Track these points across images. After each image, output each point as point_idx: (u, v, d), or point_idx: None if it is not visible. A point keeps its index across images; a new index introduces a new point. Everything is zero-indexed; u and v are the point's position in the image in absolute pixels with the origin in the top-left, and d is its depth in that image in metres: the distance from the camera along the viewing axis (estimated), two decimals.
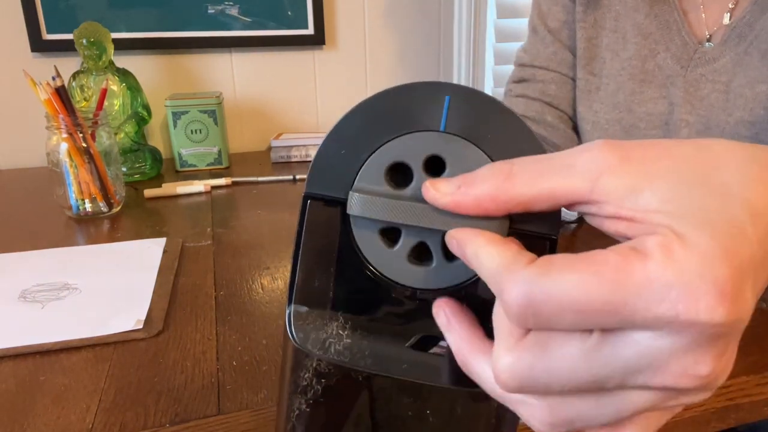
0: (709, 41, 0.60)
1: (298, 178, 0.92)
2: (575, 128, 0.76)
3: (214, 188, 0.88)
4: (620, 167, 0.19)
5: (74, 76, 0.92)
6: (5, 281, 0.57)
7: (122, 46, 1.01)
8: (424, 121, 0.24)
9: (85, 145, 0.74)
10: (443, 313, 0.24)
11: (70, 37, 0.92)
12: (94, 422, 0.37)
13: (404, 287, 0.25)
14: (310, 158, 1.04)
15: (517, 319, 0.19)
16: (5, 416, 0.38)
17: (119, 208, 0.79)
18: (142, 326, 0.48)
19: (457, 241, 0.22)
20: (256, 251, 0.64)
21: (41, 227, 0.73)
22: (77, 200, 0.75)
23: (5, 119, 1.04)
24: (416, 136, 0.24)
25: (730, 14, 0.59)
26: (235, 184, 0.90)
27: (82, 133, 0.73)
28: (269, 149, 1.10)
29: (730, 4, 0.59)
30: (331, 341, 0.25)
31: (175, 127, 0.98)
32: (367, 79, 1.23)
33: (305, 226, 0.25)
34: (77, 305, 0.52)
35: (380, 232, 0.25)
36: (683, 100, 0.61)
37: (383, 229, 0.25)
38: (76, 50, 0.90)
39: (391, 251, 0.24)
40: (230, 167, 1.02)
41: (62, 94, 0.72)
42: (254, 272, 0.59)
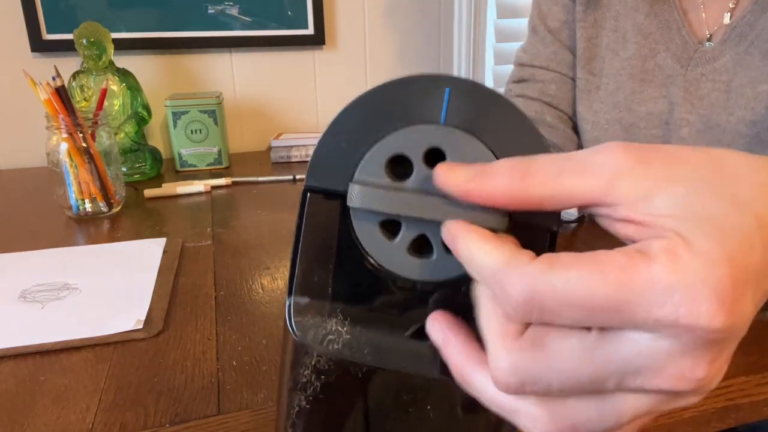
0: (709, 41, 0.60)
1: (298, 178, 0.92)
2: (575, 128, 0.76)
3: (214, 188, 0.88)
4: (636, 170, 0.19)
5: (74, 76, 0.92)
6: (5, 281, 0.57)
7: (122, 46, 1.01)
8: (424, 113, 0.24)
9: (85, 145, 0.74)
10: (438, 327, 0.23)
11: (70, 37, 0.92)
12: (94, 422, 0.37)
13: (404, 280, 0.25)
14: (310, 158, 1.04)
15: (520, 313, 0.19)
16: (5, 416, 0.38)
17: (119, 208, 0.79)
18: (142, 326, 0.48)
19: (450, 234, 0.22)
20: (256, 251, 0.64)
21: (41, 227, 0.73)
22: (77, 200, 0.75)
23: (5, 119, 1.04)
24: (416, 128, 0.24)
25: (730, 14, 0.59)
26: (235, 184, 0.90)
27: (82, 133, 0.73)
28: (269, 149, 1.10)
29: (730, 3, 0.59)
30: (330, 334, 0.25)
31: (175, 127, 0.98)
32: (367, 79, 1.23)
33: (305, 219, 0.25)
34: (77, 305, 0.52)
35: (380, 224, 0.24)
36: (683, 99, 0.61)
37: (383, 221, 0.24)
38: (76, 50, 0.90)
39: (391, 244, 0.24)
40: (230, 167, 1.02)
41: (62, 94, 0.72)
42: (254, 272, 0.59)
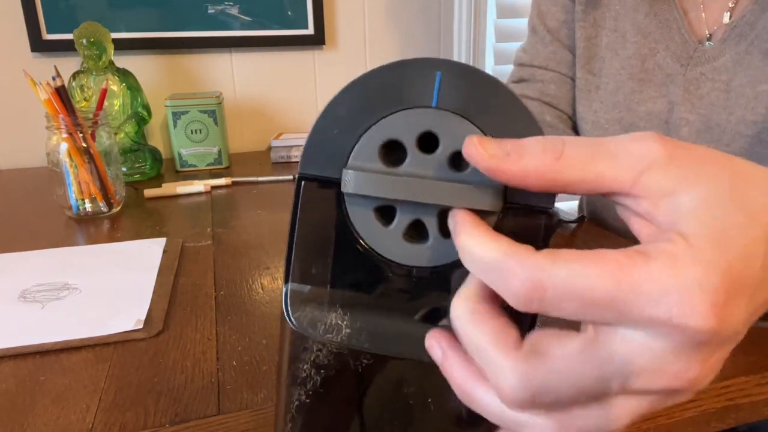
0: (709, 40, 0.60)
1: (296, 180, 0.92)
2: (575, 128, 0.76)
3: (214, 188, 0.88)
4: (666, 166, 0.19)
5: (74, 76, 0.92)
6: (5, 281, 0.57)
7: (122, 46, 1.01)
8: (416, 97, 0.24)
9: (85, 145, 0.74)
10: (438, 345, 0.23)
11: (70, 37, 0.92)
12: (94, 422, 0.37)
13: (401, 266, 0.25)
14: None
15: (520, 302, 0.19)
16: (5, 416, 0.38)
17: (119, 208, 0.79)
18: (142, 326, 0.48)
19: (454, 223, 0.22)
20: (256, 251, 0.64)
21: (41, 227, 0.73)
22: (77, 200, 0.75)
23: (5, 119, 1.04)
24: (409, 113, 0.24)
25: (730, 13, 0.59)
26: (235, 184, 0.90)
27: (82, 133, 0.73)
28: (269, 149, 1.10)
29: (730, 3, 0.59)
30: (327, 321, 0.25)
31: (175, 127, 0.98)
32: None
33: (300, 207, 0.25)
34: (77, 305, 0.52)
35: (375, 210, 0.24)
36: (683, 98, 0.61)
37: (378, 207, 0.24)
38: (76, 50, 0.90)
39: (386, 230, 0.24)
40: (230, 167, 1.02)
41: (62, 94, 0.72)
42: (254, 272, 0.59)
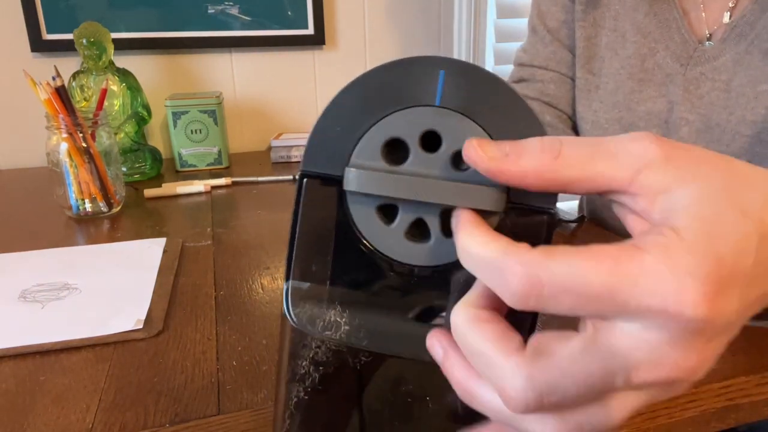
0: (709, 40, 0.60)
1: (298, 178, 0.92)
2: (574, 128, 0.76)
3: (214, 188, 0.88)
4: (663, 165, 0.19)
5: (74, 76, 0.92)
6: (5, 281, 0.57)
7: (122, 46, 1.01)
8: (419, 96, 0.24)
9: (85, 145, 0.74)
10: (439, 344, 0.23)
11: (70, 37, 0.92)
12: (94, 422, 0.37)
13: (402, 264, 0.25)
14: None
15: (518, 299, 0.19)
16: (5, 416, 0.38)
17: (119, 208, 0.79)
18: (142, 326, 0.48)
19: (455, 222, 0.22)
20: (256, 251, 0.64)
21: (41, 227, 0.73)
22: (77, 200, 0.75)
23: (5, 119, 1.04)
24: (411, 111, 0.24)
25: (730, 13, 0.59)
26: (235, 184, 0.90)
27: (82, 133, 0.73)
28: (269, 149, 1.10)
29: (730, 3, 0.59)
30: (328, 319, 0.25)
31: (175, 127, 0.98)
32: None
33: (302, 204, 0.25)
34: (77, 305, 0.52)
35: (377, 209, 0.24)
36: (683, 98, 0.61)
37: (380, 206, 0.24)
38: (76, 50, 0.90)
39: (388, 228, 0.24)
40: (230, 167, 1.02)
41: (62, 94, 0.72)
42: (254, 272, 0.59)
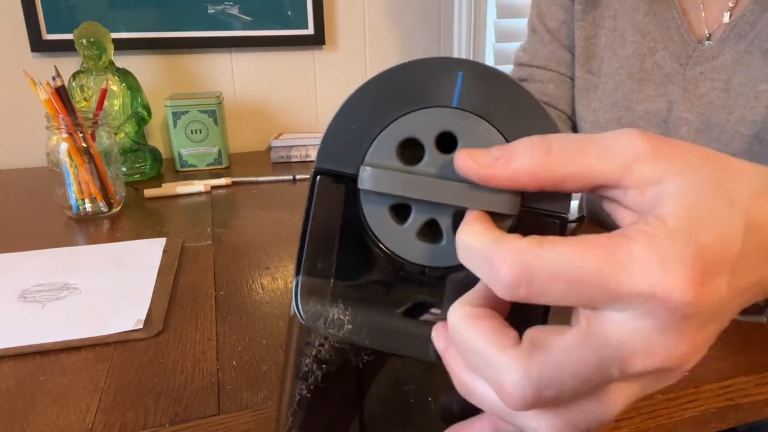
0: (708, 40, 0.60)
1: (298, 178, 0.92)
2: (574, 128, 0.76)
3: (214, 188, 0.88)
4: (653, 158, 0.20)
5: (74, 76, 0.92)
6: (5, 281, 0.57)
7: (122, 46, 1.01)
8: (436, 96, 0.24)
9: (85, 145, 0.74)
10: (442, 337, 0.23)
11: (70, 37, 0.92)
12: (94, 422, 0.37)
13: (414, 265, 0.24)
14: (310, 158, 1.04)
15: (509, 288, 0.19)
16: (5, 416, 0.38)
17: (119, 208, 0.79)
18: (142, 326, 0.48)
19: (464, 221, 0.22)
20: (256, 251, 0.64)
21: (41, 227, 0.73)
22: (77, 200, 0.75)
23: (5, 119, 1.04)
24: (428, 111, 0.24)
25: (729, 13, 0.59)
26: (235, 184, 0.90)
27: (82, 133, 0.73)
28: (269, 149, 1.10)
29: (729, 2, 0.59)
30: (337, 317, 0.25)
31: (175, 127, 0.98)
32: (366, 79, 1.23)
33: (314, 201, 0.25)
34: (77, 305, 0.52)
35: (390, 208, 0.24)
36: (682, 98, 0.61)
37: (393, 205, 0.24)
38: (76, 50, 0.90)
39: (401, 228, 0.24)
40: (230, 167, 1.02)
41: (62, 94, 0.72)
42: (254, 272, 0.59)
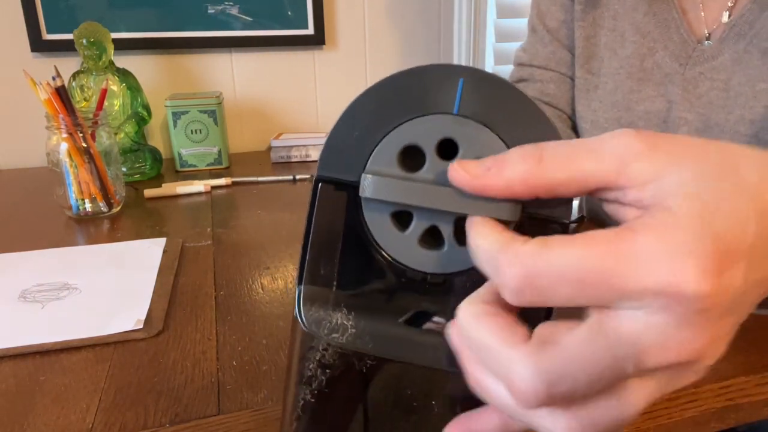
0: (708, 39, 0.60)
1: (298, 178, 0.92)
2: (574, 128, 0.76)
3: (214, 188, 0.88)
4: (648, 155, 0.19)
5: (74, 76, 0.92)
6: (5, 281, 0.57)
7: (122, 46, 1.01)
8: (437, 103, 0.24)
9: (85, 145, 0.74)
10: (456, 336, 0.23)
11: (70, 37, 0.92)
12: (94, 422, 0.37)
13: (415, 271, 0.25)
14: (310, 158, 1.04)
15: (516, 293, 0.19)
16: (5, 416, 0.38)
17: (119, 208, 0.79)
18: (142, 326, 0.48)
19: (470, 225, 0.22)
20: (256, 251, 0.64)
21: (41, 227, 0.73)
22: (77, 200, 0.75)
23: (5, 119, 1.04)
24: (429, 119, 0.24)
25: (729, 12, 0.59)
26: (235, 184, 0.90)
27: (82, 133, 0.73)
28: (269, 149, 1.10)
29: (729, 2, 0.59)
30: (338, 324, 0.25)
31: (175, 127, 0.98)
32: (367, 79, 1.23)
33: (316, 209, 0.25)
34: (77, 305, 0.52)
35: (392, 215, 0.24)
36: (681, 98, 0.61)
37: (395, 212, 0.24)
38: (76, 50, 0.90)
39: (402, 235, 0.24)
40: (230, 167, 1.02)
41: (62, 94, 0.72)
42: (254, 272, 0.59)
